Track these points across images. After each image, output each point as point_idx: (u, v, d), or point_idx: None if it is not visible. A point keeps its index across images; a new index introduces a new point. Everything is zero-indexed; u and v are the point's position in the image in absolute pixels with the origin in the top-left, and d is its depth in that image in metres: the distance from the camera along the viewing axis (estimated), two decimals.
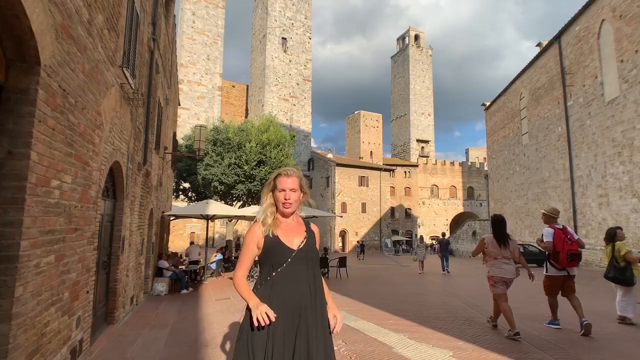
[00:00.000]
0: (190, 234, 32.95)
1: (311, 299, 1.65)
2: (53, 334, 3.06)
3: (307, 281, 1.67)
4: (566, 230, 4.85)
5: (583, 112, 16.63)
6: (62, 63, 2.91)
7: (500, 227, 4.77)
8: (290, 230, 1.75)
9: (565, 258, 4.67)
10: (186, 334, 5.26)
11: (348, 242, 36.21)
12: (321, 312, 1.68)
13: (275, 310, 1.55)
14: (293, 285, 1.64)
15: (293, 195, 1.72)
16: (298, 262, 1.67)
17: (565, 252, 4.66)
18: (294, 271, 1.66)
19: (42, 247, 2.76)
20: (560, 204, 18.74)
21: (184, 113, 36.81)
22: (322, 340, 1.63)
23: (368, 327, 4.83)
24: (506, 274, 4.61)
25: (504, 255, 4.66)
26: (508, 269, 4.63)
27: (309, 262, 1.70)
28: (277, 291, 1.63)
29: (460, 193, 47.93)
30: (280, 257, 1.67)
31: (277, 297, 1.62)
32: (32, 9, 2.30)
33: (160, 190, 10.67)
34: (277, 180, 1.74)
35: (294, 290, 1.63)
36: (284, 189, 1.71)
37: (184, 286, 9.75)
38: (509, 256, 4.67)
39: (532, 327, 5.01)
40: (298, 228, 1.78)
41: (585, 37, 16.33)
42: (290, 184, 1.71)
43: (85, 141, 3.58)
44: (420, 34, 58.42)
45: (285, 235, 1.72)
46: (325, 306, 1.73)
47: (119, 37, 4.66)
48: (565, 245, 4.69)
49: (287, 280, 1.64)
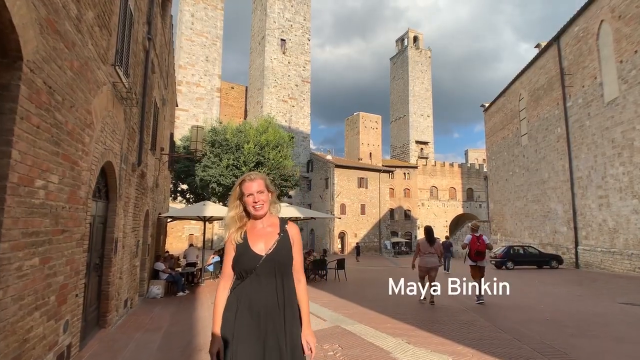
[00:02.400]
0: (189, 236, 32.79)
1: (278, 310, 1.59)
2: (37, 339, 2.95)
3: (275, 290, 1.62)
4: (480, 237, 7.19)
5: (582, 113, 16.57)
6: (48, 59, 2.81)
7: (429, 233, 7.17)
8: (260, 235, 1.72)
9: (473, 254, 7.08)
10: (180, 338, 5.15)
11: (347, 243, 36.06)
12: (291, 323, 1.61)
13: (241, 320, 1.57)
14: (258, 294, 1.60)
15: (261, 197, 1.71)
16: (265, 269, 1.63)
17: (474, 250, 7.07)
18: (261, 279, 1.62)
19: (25, 250, 2.65)
20: (560, 205, 18.66)
21: (182, 114, 36.72)
22: (290, 355, 1.56)
23: (365, 330, 4.72)
24: (428, 264, 6.85)
25: (430, 251, 6.88)
26: (431, 260, 6.86)
27: (278, 269, 1.65)
28: (243, 300, 1.60)
29: (459, 194, 47.84)
30: (247, 263, 1.64)
31: (243, 304, 1.59)
32: (13, 1, 2.21)
33: (157, 192, 10.56)
34: (242, 186, 1.73)
35: (258, 300, 1.59)
36: (251, 193, 1.70)
37: (180, 289, 9.63)
38: (433, 252, 6.88)
39: (534, 330, 4.90)
40: (271, 231, 1.74)
41: (585, 37, 16.29)
42: (257, 187, 1.71)
43: (74, 140, 3.48)
44: (419, 36, 58.45)
45: (254, 241, 1.69)
46: (296, 317, 1.65)
47: (112, 35, 4.57)
48: (474, 246, 7.08)
49: (253, 289, 1.61)
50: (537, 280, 12.10)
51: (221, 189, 18.86)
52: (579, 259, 16.81)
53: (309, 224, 38.23)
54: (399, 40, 60.19)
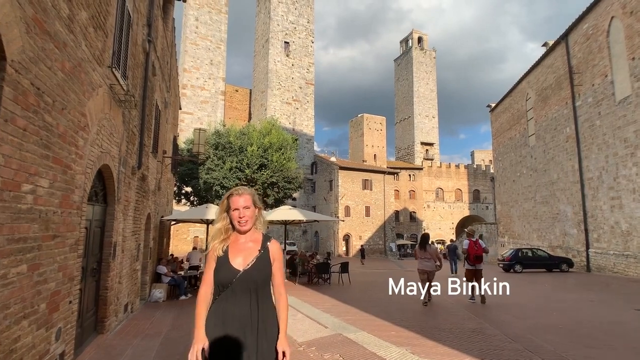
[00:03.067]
0: (193, 238, 32.84)
1: (251, 327, 1.61)
2: (26, 349, 2.85)
3: (249, 307, 1.63)
4: (477, 242, 7.68)
5: (593, 112, 16.21)
6: (36, 59, 2.72)
7: (423, 240, 7.67)
8: (240, 249, 1.74)
9: (472, 258, 7.49)
10: (179, 344, 5.04)
11: (352, 246, 35.83)
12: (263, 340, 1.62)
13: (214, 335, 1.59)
14: (233, 307, 1.63)
15: (247, 212, 1.73)
16: (241, 285, 1.65)
17: (472, 255, 7.49)
18: (236, 294, 1.64)
19: (11, 257, 2.55)
20: (569, 207, 18.27)
21: (187, 117, 36.88)
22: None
23: (368, 339, 4.55)
24: (425, 268, 7.31)
25: (425, 256, 7.38)
26: (427, 264, 7.31)
27: (253, 286, 1.66)
28: (219, 313, 1.63)
29: (465, 196, 47.33)
30: (225, 277, 1.66)
31: (219, 318, 1.62)
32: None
33: (159, 195, 10.51)
34: (230, 200, 1.76)
35: (233, 316, 1.62)
36: (237, 208, 1.72)
37: (182, 292, 9.55)
38: (428, 257, 7.35)
39: (547, 339, 4.69)
40: (251, 247, 1.75)
41: (594, 35, 15.96)
42: (243, 202, 1.73)
43: (67, 143, 3.39)
44: (424, 37, 58.19)
45: (234, 255, 1.71)
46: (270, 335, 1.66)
47: (108, 36, 4.49)
48: (473, 250, 7.52)
49: (228, 303, 1.64)
50: (547, 285, 11.80)
51: (224, 191, 18.79)
52: (591, 262, 16.41)
53: (313, 227, 38.09)
54: (403, 42, 59.99)
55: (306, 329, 5.28)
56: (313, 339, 4.74)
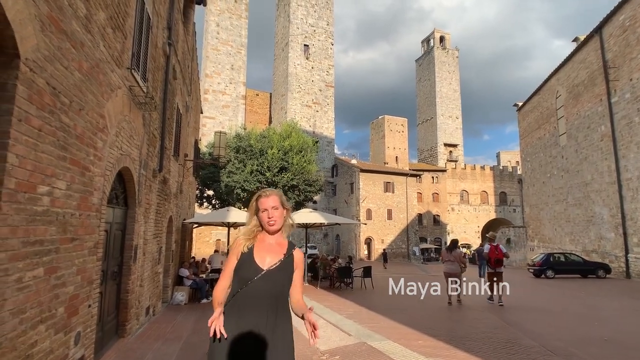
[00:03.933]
0: (216, 241, 33.24)
1: (266, 330, 1.59)
2: (43, 354, 2.79)
3: (268, 305, 1.63)
4: (498, 247, 8.16)
5: (631, 109, 15.20)
6: (52, 58, 2.67)
7: (452, 244, 8.38)
8: (266, 250, 1.74)
9: (493, 262, 7.99)
10: (199, 349, 4.95)
11: (374, 249, 35.25)
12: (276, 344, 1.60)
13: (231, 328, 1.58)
14: (252, 306, 1.62)
15: (276, 213, 1.75)
16: (263, 283, 1.64)
17: (493, 259, 7.99)
18: (257, 291, 1.63)
19: (26, 260, 2.49)
20: (605, 209, 17.19)
21: (209, 122, 37.58)
22: None
23: (394, 349, 4.29)
24: (449, 270, 8.01)
25: (449, 259, 8.05)
26: (451, 267, 7.99)
27: (274, 285, 1.66)
28: (236, 308, 1.62)
29: (491, 199, 45.71)
30: (247, 273, 1.66)
31: (236, 313, 1.62)
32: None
33: (181, 198, 10.60)
34: (258, 202, 1.78)
35: (251, 311, 1.61)
36: (266, 209, 1.74)
37: (204, 295, 9.54)
38: (452, 260, 8.00)
39: (592, 353, 4.27)
40: (277, 250, 1.75)
41: (632, 26, 14.98)
42: (272, 203, 1.75)
43: (85, 144, 3.35)
44: (446, 36, 56.98)
45: (259, 253, 1.72)
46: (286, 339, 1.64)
47: (127, 38, 4.48)
48: (493, 255, 8.00)
49: (248, 298, 1.63)
50: (584, 292, 11.06)
51: (245, 194, 18.90)
52: (630, 268, 15.32)
53: (334, 230, 37.78)
54: (425, 41, 58.99)
55: (329, 336, 5.07)
56: (337, 347, 4.52)
